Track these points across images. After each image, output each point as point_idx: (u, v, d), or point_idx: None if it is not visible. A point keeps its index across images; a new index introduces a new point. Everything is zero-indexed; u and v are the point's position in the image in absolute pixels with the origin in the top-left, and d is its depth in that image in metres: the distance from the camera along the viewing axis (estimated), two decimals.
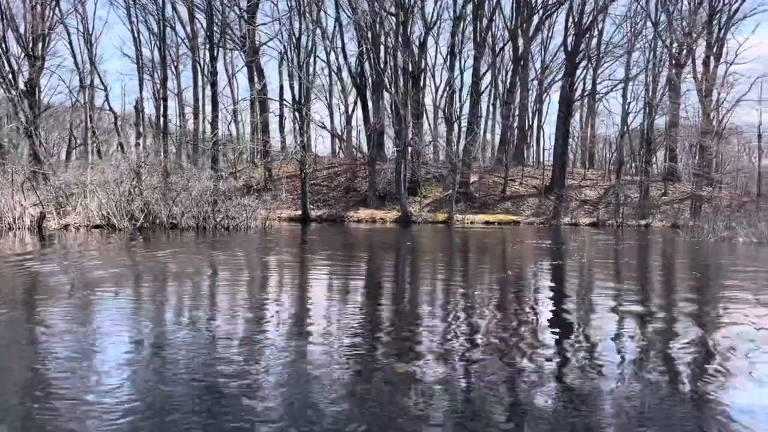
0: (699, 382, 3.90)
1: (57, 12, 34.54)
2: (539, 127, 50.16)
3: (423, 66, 38.97)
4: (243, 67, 41.89)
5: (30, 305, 6.53)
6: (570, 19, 38.10)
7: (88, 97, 37.97)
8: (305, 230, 24.08)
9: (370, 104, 38.00)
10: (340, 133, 48.34)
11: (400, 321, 5.82)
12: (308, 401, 3.38)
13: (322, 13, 37.52)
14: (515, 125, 44.74)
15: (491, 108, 49.94)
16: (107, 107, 41.27)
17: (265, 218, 24.08)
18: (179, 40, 42.22)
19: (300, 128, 34.84)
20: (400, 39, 34.63)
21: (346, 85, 46.11)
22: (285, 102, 40.44)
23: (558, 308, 6.92)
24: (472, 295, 7.62)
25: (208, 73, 34.07)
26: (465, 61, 43.43)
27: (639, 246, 18.80)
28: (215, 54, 33.45)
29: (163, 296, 7.25)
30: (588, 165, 47.95)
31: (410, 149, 34.59)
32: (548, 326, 5.71)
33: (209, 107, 34.52)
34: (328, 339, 4.95)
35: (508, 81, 45.04)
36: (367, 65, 37.82)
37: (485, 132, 50.37)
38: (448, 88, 40.09)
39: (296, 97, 34.92)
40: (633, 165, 47.47)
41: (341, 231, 24.81)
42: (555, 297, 7.96)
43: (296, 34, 33.79)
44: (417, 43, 37.20)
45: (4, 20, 30.83)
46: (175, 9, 39.26)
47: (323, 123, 43.68)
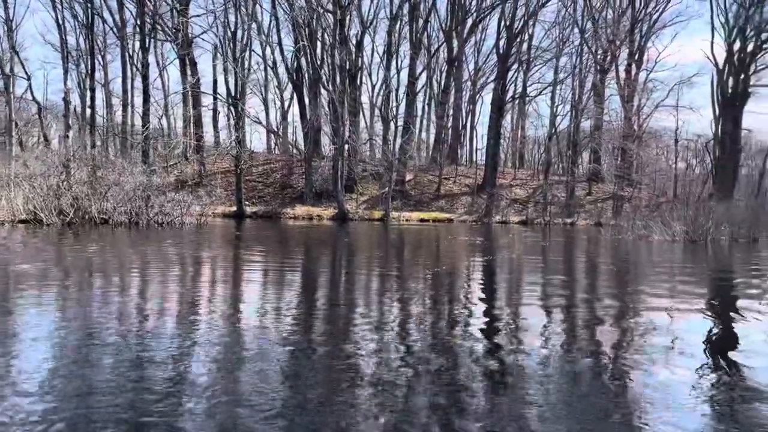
0: (619, 361, 4.21)
1: None
2: (472, 128, 51.56)
3: (360, 64, 39.11)
4: (175, 60, 40.68)
5: None
6: (502, 23, 39.33)
7: (11, 86, 35.73)
8: (240, 226, 23.70)
9: (307, 101, 37.76)
10: (276, 129, 47.75)
11: (334, 314, 5.91)
12: (240, 392, 3.42)
13: (258, 8, 36.93)
14: (449, 125, 45.71)
15: (426, 108, 50.87)
16: (30, 97, 39.00)
17: (200, 214, 23.63)
18: (107, 29, 40.52)
19: (235, 123, 34.21)
20: (338, 37, 34.62)
21: (282, 81, 45.60)
22: (219, 96, 39.56)
23: (487, 299, 7.21)
24: (407, 288, 7.81)
25: (138, 64, 32.85)
26: (401, 61, 44.00)
27: (564, 243, 19.74)
28: (147, 45, 32.29)
29: (90, 292, 7.00)
30: (518, 165, 49.60)
31: (347, 147, 34.67)
32: (478, 316, 5.95)
33: (139, 99, 33.34)
34: (261, 332, 4.98)
35: (443, 81, 45.95)
36: (304, 61, 37.56)
37: (420, 131, 51.24)
38: (385, 87, 40.48)
39: (231, 92, 34.25)
40: (560, 166, 49.54)
41: (277, 227, 24.58)
42: (485, 289, 8.27)
43: (231, 28, 33.15)
44: (354, 42, 37.29)
45: None
46: None
47: (259, 119, 43.07)
